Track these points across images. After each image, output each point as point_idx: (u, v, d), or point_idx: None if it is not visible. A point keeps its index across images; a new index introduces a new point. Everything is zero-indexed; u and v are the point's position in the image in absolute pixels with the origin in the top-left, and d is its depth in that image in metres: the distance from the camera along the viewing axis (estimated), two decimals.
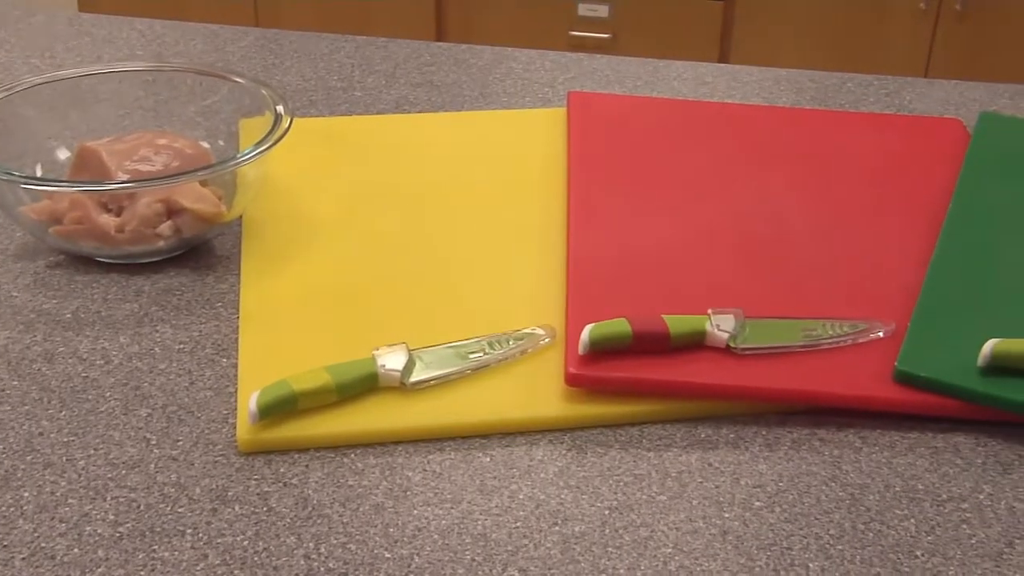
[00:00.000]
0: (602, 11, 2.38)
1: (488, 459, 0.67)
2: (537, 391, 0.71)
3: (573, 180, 0.89)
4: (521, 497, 0.65)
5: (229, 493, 0.64)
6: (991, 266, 0.81)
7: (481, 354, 0.73)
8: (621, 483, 0.66)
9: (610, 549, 0.62)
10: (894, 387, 0.71)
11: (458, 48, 1.15)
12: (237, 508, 0.63)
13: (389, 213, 0.87)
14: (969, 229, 0.84)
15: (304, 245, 0.83)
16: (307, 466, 0.66)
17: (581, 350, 0.71)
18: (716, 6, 2.35)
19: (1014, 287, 0.79)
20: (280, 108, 0.84)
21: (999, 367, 0.71)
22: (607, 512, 0.64)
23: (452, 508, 0.64)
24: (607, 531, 0.63)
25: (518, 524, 0.63)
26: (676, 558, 0.61)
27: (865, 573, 0.61)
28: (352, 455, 0.67)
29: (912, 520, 0.64)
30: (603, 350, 0.71)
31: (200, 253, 0.84)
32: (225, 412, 0.70)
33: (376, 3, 2.44)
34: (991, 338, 0.71)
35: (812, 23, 2.35)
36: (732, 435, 0.70)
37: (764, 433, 0.70)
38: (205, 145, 0.87)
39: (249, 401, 0.67)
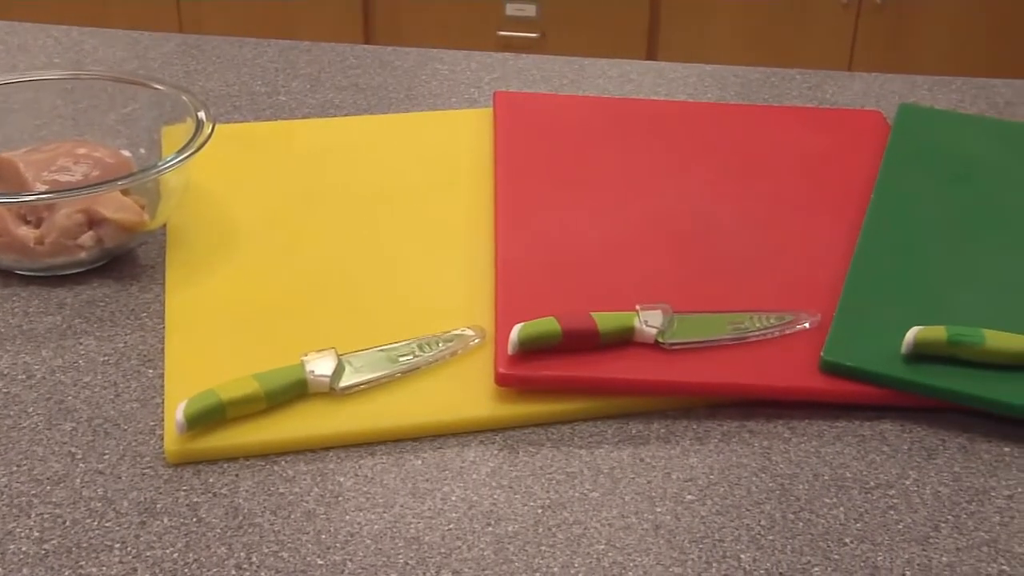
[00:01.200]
0: (530, 11, 2.38)
1: (420, 462, 0.67)
2: (468, 392, 0.71)
3: (500, 180, 0.89)
4: (453, 499, 0.65)
5: (158, 505, 0.63)
6: (913, 255, 0.82)
7: (411, 357, 0.73)
8: (553, 481, 0.66)
9: (543, 548, 0.62)
10: (821, 377, 0.72)
11: (383, 50, 1.14)
12: (166, 520, 0.63)
13: (316, 218, 0.87)
14: (890, 219, 0.85)
15: (230, 252, 0.83)
16: (237, 475, 0.66)
17: (510, 350, 0.71)
18: (643, 3, 2.37)
19: (935, 275, 0.80)
20: (202, 114, 0.83)
21: (922, 354, 0.72)
22: (540, 511, 0.64)
23: (384, 512, 0.64)
24: (540, 530, 0.63)
25: (451, 526, 0.63)
26: (609, 554, 0.61)
27: (796, 562, 0.61)
28: (282, 462, 0.67)
29: (841, 508, 0.65)
30: (533, 349, 0.71)
31: (123, 263, 0.83)
32: (152, 423, 0.69)
33: (303, 7, 2.43)
34: (914, 326, 0.72)
35: (738, 19, 2.37)
36: (663, 430, 0.70)
37: (694, 427, 0.70)
38: (126, 154, 0.86)
39: (176, 411, 0.66)
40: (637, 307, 0.74)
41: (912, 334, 0.72)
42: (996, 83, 1.10)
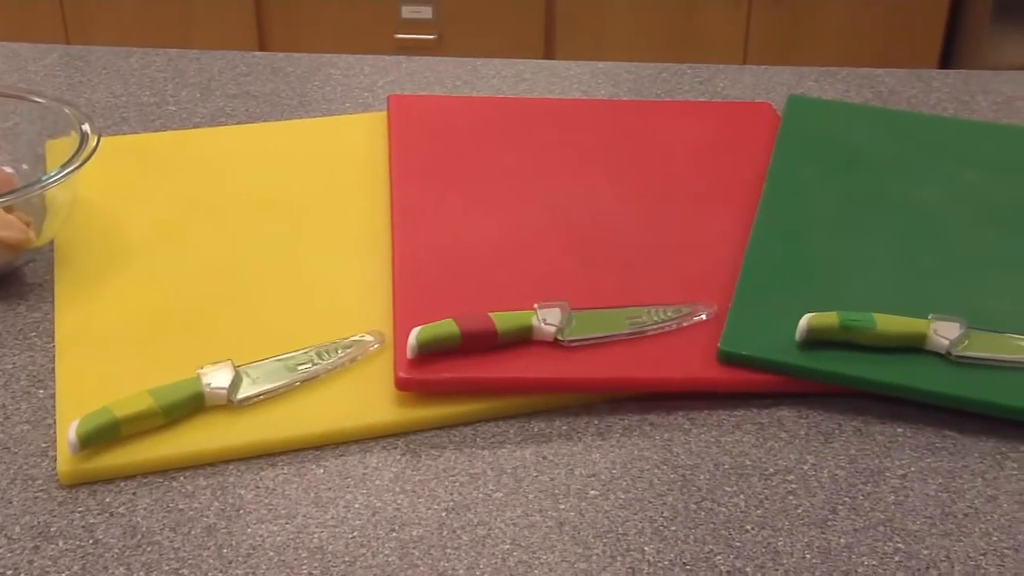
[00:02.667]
0: (426, 12, 2.37)
1: (322, 471, 0.67)
2: (368, 398, 0.71)
3: (395, 183, 0.89)
4: (357, 506, 0.64)
5: (52, 528, 0.62)
6: (804, 243, 0.83)
7: (310, 365, 0.72)
8: (457, 483, 0.66)
9: (448, 550, 0.61)
10: (718, 367, 0.73)
11: (275, 57, 1.13)
12: (61, 544, 0.61)
13: (209, 228, 0.85)
14: (782, 209, 0.87)
15: (120, 267, 0.81)
16: (134, 493, 0.64)
17: (409, 353, 0.71)
18: (538, 3, 2.38)
19: (827, 262, 0.81)
20: (86, 127, 0.81)
21: (816, 340, 0.73)
22: (444, 514, 0.64)
23: (287, 523, 0.63)
24: (445, 533, 0.63)
25: (355, 534, 0.62)
26: (515, 553, 0.61)
27: (699, 551, 0.62)
28: (181, 478, 0.66)
29: (742, 495, 0.66)
30: (432, 352, 0.71)
31: (9, 282, 0.80)
32: (44, 445, 0.67)
33: (196, 16, 2.39)
34: (807, 313, 0.73)
35: (634, 17, 2.39)
36: (565, 427, 0.70)
37: (596, 423, 0.71)
38: (8, 170, 0.84)
39: (68, 431, 0.65)
40: (535, 306, 0.74)
41: (805, 321, 0.73)
42: (880, 73, 1.13)
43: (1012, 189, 0.90)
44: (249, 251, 0.83)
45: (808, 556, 0.62)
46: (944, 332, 0.73)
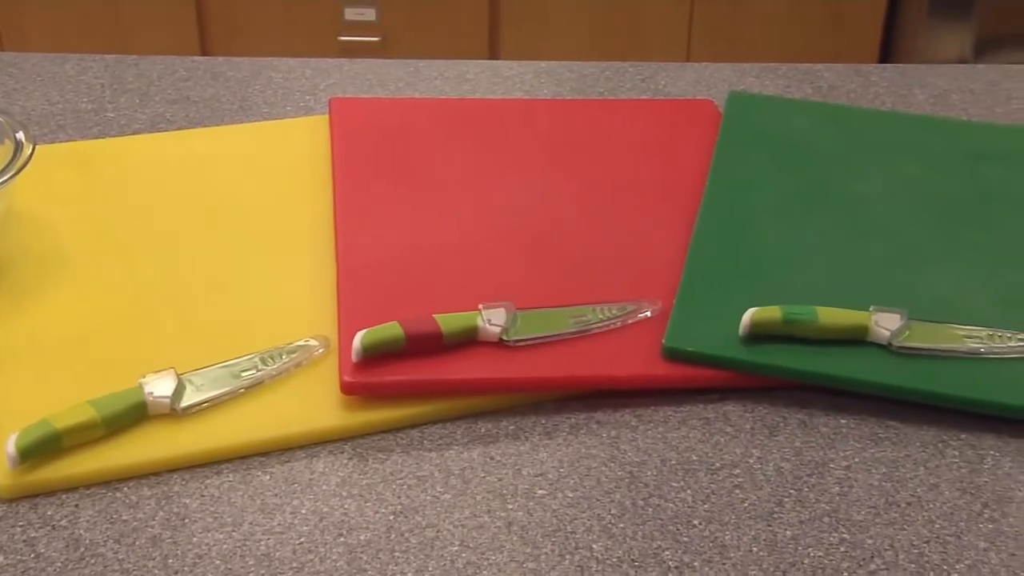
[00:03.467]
0: (369, 14, 2.36)
1: (268, 477, 0.66)
2: (314, 403, 0.70)
3: (339, 187, 0.89)
4: (304, 512, 0.64)
5: None
6: (747, 238, 0.84)
7: (254, 371, 0.72)
8: (404, 486, 0.66)
9: (396, 554, 0.61)
10: (664, 364, 0.73)
11: (215, 61, 1.12)
12: (1, 559, 0.60)
13: (150, 236, 0.84)
14: (725, 205, 0.87)
15: (59, 277, 0.80)
16: (77, 506, 0.64)
17: (354, 357, 0.70)
18: (482, 3, 2.37)
19: (770, 257, 0.82)
20: (20, 135, 0.80)
21: (759, 335, 0.73)
22: (392, 517, 0.64)
23: (233, 531, 0.62)
24: (393, 536, 0.62)
25: (302, 540, 0.62)
26: (463, 555, 0.61)
27: (647, 547, 0.62)
28: (125, 489, 0.65)
29: (688, 491, 0.66)
30: (377, 355, 0.71)
31: None
32: None
33: (135, 21, 2.37)
34: (750, 308, 0.74)
35: (578, 14, 2.39)
36: (512, 427, 0.70)
37: (543, 422, 0.71)
38: None
39: (7, 444, 0.64)
40: (480, 306, 0.74)
41: (748, 315, 0.73)
42: (819, 68, 1.14)
43: (948, 181, 0.92)
44: (191, 258, 0.82)
45: (755, 549, 0.62)
46: (885, 323, 0.74)
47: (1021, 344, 0.74)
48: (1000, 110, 1.06)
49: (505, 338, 0.73)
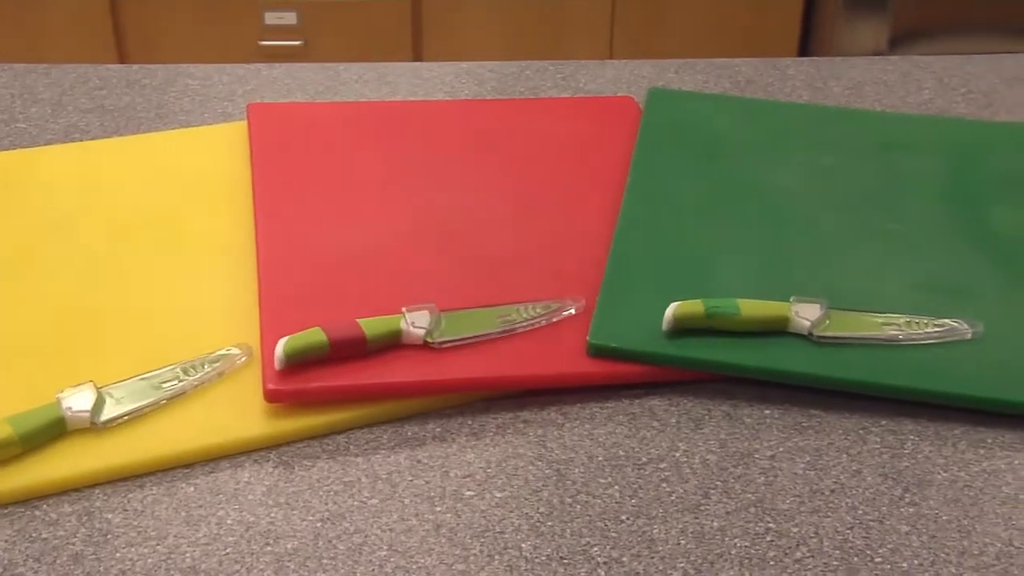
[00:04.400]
0: (290, 18, 2.34)
1: (192, 488, 0.65)
2: (238, 412, 0.70)
3: (258, 193, 0.88)
4: (230, 522, 0.63)
5: None
6: (669, 234, 0.84)
7: (176, 382, 0.71)
8: (331, 493, 0.65)
9: (324, 561, 0.61)
10: (589, 361, 0.73)
11: (130, 69, 1.10)
12: None
13: (65, 248, 0.83)
14: (646, 201, 0.88)
15: None
16: None
17: (277, 365, 0.70)
18: (404, 5, 2.37)
19: (692, 251, 0.83)
20: None
21: (682, 329, 0.74)
22: (319, 524, 0.63)
23: (158, 545, 0.62)
24: (320, 543, 0.62)
25: (228, 550, 0.61)
26: (392, 559, 0.61)
27: (575, 544, 0.62)
28: (44, 506, 0.64)
29: (616, 486, 0.66)
30: (300, 362, 0.70)
31: None
32: None
33: (47, 29, 2.32)
34: (673, 302, 0.74)
35: (501, 13, 2.39)
36: (438, 429, 0.70)
37: (469, 423, 0.71)
38: None
39: None
40: (404, 309, 0.74)
41: (671, 310, 0.74)
42: (737, 63, 1.15)
43: (864, 171, 0.93)
44: (109, 269, 0.81)
45: (683, 542, 0.63)
46: (805, 314, 0.75)
47: (937, 330, 0.75)
48: (912, 100, 1.08)
49: (429, 340, 0.73)
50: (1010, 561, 0.62)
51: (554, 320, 0.76)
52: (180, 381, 0.71)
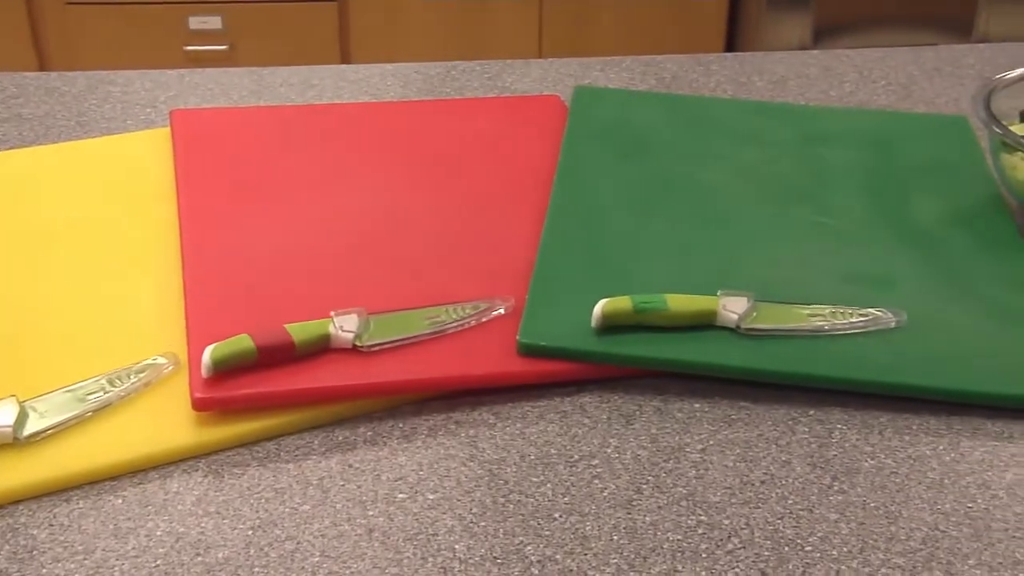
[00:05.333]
0: (214, 23, 2.32)
1: (120, 501, 0.64)
2: (165, 422, 0.69)
3: (183, 200, 0.87)
4: (159, 533, 0.62)
5: None
6: (597, 231, 0.85)
7: (101, 393, 0.70)
8: (262, 500, 0.65)
9: (256, 569, 0.60)
10: (519, 360, 0.73)
11: (48, 76, 1.09)
12: None
13: None
14: (573, 199, 0.88)
15: None
16: None
17: (204, 373, 0.69)
18: (330, 7, 2.35)
19: (620, 248, 0.83)
20: None
21: (611, 325, 0.74)
22: (250, 532, 0.63)
23: (85, 559, 0.61)
24: (252, 552, 0.61)
25: (158, 562, 0.61)
26: (324, 565, 0.61)
27: (509, 544, 0.62)
28: None
29: (548, 484, 0.66)
30: (228, 369, 0.69)
31: None
32: None
33: None
34: (602, 299, 0.74)
35: (428, 15, 2.39)
36: (370, 433, 0.70)
37: (401, 426, 0.70)
38: None
39: None
40: (332, 313, 0.73)
41: (599, 307, 0.74)
42: (661, 60, 1.16)
43: (787, 164, 0.94)
44: (30, 280, 0.80)
45: (615, 538, 0.63)
46: (733, 307, 0.76)
47: (862, 319, 0.76)
48: (834, 93, 1.10)
49: (358, 344, 0.72)
50: (936, 545, 0.63)
51: (484, 320, 0.76)
52: (105, 392, 0.70)
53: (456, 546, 0.62)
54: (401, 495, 0.65)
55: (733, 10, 2.46)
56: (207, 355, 0.69)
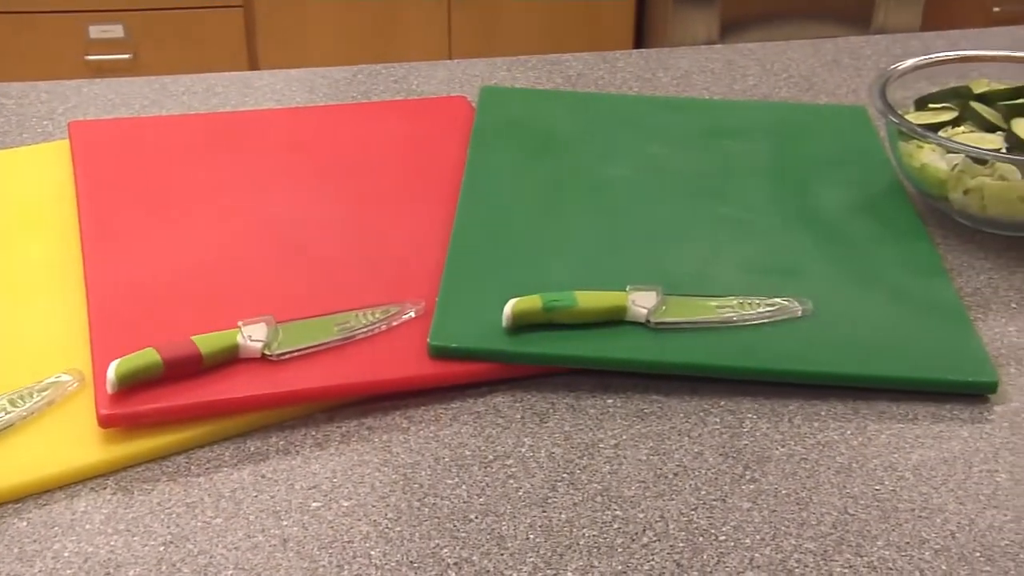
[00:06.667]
0: (116, 31, 2.28)
1: (25, 523, 0.63)
2: (71, 440, 0.67)
3: (83, 213, 0.85)
4: (67, 554, 0.61)
5: None
6: (505, 231, 0.85)
7: (2, 414, 0.68)
8: (173, 515, 0.64)
9: None
10: (431, 363, 0.73)
11: None
12: None
13: None
14: (482, 199, 0.88)
15: None
16: None
17: (110, 389, 0.68)
18: (235, 13, 2.33)
19: (529, 247, 0.83)
20: None
21: (522, 325, 0.74)
22: (162, 548, 0.62)
23: None
24: (164, 568, 0.60)
25: None
26: None
27: (425, 547, 0.62)
28: None
29: (463, 486, 0.66)
30: (134, 384, 0.68)
31: None
32: None
33: None
34: (511, 299, 0.75)
35: (336, 19, 2.37)
36: (282, 442, 0.69)
37: (313, 433, 0.70)
38: None
39: None
40: (239, 323, 0.72)
41: (509, 307, 0.74)
42: (567, 58, 1.16)
43: (692, 158, 0.95)
44: None
45: (531, 536, 0.63)
46: (642, 302, 0.76)
47: (769, 309, 0.77)
48: (738, 87, 1.11)
49: (268, 353, 0.72)
50: (845, 528, 0.64)
51: (394, 324, 0.76)
52: (7, 413, 0.68)
53: (372, 552, 0.62)
54: (315, 503, 0.65)
55: (641, 8, 2.48)
56: (111, 370, 0.68)
